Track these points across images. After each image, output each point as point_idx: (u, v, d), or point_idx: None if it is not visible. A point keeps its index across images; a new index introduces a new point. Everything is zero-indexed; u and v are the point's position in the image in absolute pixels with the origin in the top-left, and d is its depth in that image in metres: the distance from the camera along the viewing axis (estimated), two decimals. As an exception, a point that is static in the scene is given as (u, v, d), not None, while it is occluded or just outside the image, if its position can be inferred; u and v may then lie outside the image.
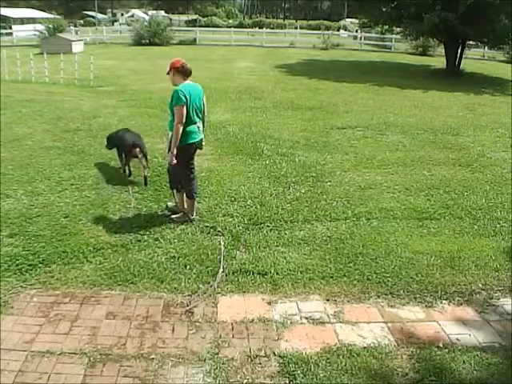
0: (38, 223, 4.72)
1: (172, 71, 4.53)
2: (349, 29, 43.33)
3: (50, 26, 26.87)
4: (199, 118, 4.65)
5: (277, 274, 3.99)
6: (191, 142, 4.59)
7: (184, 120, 4.42)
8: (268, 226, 4.87)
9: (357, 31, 35.01)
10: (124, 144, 5.86)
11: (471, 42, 20.46)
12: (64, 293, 3.65)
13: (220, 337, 3.23)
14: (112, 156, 6.88)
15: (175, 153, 4.44)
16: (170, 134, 4.56)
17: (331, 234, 4.76)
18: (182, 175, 4.74)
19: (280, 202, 5.49)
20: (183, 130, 4.44)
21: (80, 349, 3.05)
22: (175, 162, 4.47)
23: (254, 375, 2.90)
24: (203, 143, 4.84)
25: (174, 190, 5.01)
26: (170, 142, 4.52)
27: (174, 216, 4.89)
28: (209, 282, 3.83)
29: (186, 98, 4.37)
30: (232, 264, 4.11)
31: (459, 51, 19.12)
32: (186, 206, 4.92)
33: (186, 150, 4.57)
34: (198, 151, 4.92)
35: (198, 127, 4.64)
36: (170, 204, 5.14)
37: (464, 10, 15.93)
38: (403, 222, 5.08)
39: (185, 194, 4.86)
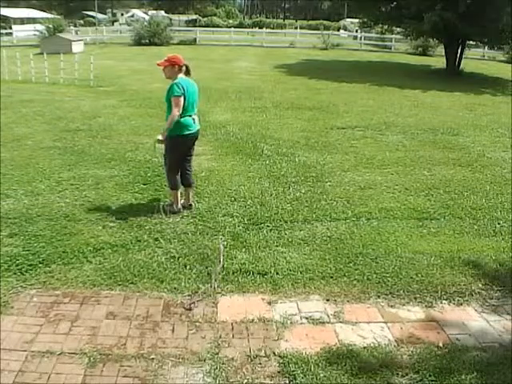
0: (37, 223, 4.72)
1: (176, 67, 4.72)
2: (349, 29, 43.34)
3: (50, 25, 26.86)
4: (194, 111, 4.89)
5: (277, 273, 3.99)
6: (187, 133, 4.83)
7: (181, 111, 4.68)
8: (268, 226, 4.87)
9: (357, 31, 35.04)
10: None
11: (471, 42, 20.48)
12: (64, 293, 3.64)
13: (220, 337, 3.22)
14: (112, 156, 6.90)
15: (165, 134, 4.70)
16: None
17: (331, 234, 4.76)
18: (178, 166, 4.98)
19: (280, 202, 5.49)
20: (180, 121, 4.68)
21: (80, 349, 3.05)
22: (161, 138, 4.71)
23: (254, 375, 2.90)
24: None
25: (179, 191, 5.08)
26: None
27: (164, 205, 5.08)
28: (209, 282, 3.83)
29: (183, 90, 4.63)
30: (232, 264, 4.11)
31: (459, 51, 19.13)
32: (178, 196, 5.10)
33: (183, 141, 4.84)
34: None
35: (194, 119, 4.89)
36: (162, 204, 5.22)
37: (464, 10, 15.94)
38: (403, 222, 5.08)
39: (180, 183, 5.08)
